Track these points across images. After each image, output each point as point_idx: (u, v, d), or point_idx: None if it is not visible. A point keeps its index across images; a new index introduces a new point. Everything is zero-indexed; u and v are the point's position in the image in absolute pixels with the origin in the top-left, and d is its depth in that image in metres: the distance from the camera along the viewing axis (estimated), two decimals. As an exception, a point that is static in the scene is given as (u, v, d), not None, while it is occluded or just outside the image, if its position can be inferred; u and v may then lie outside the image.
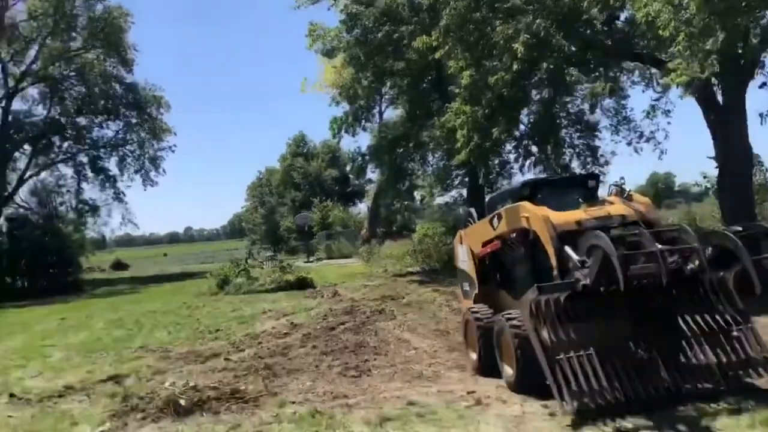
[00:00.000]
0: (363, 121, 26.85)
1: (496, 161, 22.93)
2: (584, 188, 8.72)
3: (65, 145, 42.37)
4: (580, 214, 7.41)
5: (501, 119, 15.50)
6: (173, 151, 45.17)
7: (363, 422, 6.54)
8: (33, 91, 40.86)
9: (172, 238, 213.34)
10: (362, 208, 69.63)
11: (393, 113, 30.44)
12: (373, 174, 33.31)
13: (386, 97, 30.88)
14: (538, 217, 7.36)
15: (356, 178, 33.61)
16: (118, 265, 56.93)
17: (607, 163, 24.28)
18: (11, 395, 9.02)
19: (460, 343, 9.69)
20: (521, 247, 8.22)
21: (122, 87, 41.94)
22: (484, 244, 9.14)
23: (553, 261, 7.05)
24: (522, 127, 21.74)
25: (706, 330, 6.64)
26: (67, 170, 42.97)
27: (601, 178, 9.17)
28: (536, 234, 7.46)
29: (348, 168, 29.40)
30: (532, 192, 8.46)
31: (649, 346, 6.59)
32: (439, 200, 31.83)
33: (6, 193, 38.34)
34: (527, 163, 20.83)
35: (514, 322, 7.29)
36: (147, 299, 23.79)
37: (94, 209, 42.54)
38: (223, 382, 8.47)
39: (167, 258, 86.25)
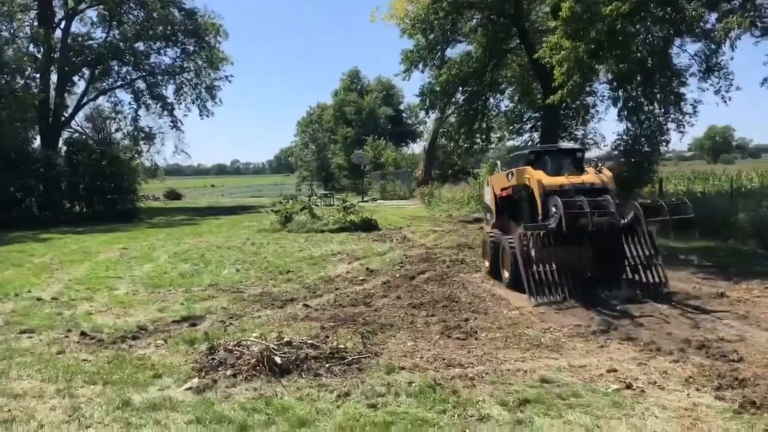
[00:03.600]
0: (439, 53, 25.02)
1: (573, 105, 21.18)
2: (573, 157, 11.58)
3: (123, 70, 41.38)
4: (563, 179, 10.44)
5: (609, 56, 13.84)
6: (230, 82, 44.14)
7: (497, 402, 5.54)
8: (92, 14, 39.95)
9: (220, 170, 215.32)
10: (414, 148, 68.21)
11: (455, 52, 28.28)
12: (433, 114, 31.45)
13: (458, 33, 28.80)
14: (534, 179, 10.56)
15: (425, 116, 31.94)
16: (172, 195, 56.95)
17: (695, 111, 22.06)
18: (82, 333, 8.39)
19: (569, 306, 9.53)
20: (523, 195, 11.45)
21: (181, 13, 40.47)
22: (502, 190, 12.50)
23: (539, 209, 10.33)
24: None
25: (636, 261, 10.05)
26: (125, 96, 42.33)
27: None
28: (532, 190, 10.69)
29: (417, 103, 27.70)
30: (536, 158, 11.47)
31: (596, 269, 10.12)
32: (509, 144, 30.10)
33: (63, 117, 37.89)
34: (622, 108, 18.84)
35: (510, 243, 10.76)
36: (207, 232, 23.22)
37: (150, 137, 41.95)
38: (318, 338, 7.54)
39: (215, 189, 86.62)
